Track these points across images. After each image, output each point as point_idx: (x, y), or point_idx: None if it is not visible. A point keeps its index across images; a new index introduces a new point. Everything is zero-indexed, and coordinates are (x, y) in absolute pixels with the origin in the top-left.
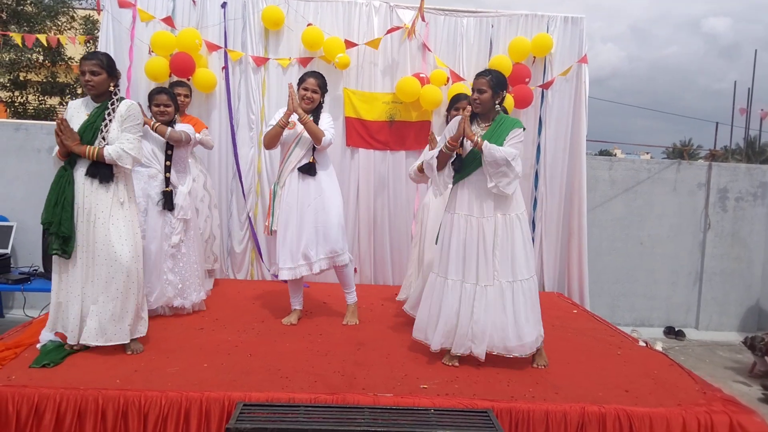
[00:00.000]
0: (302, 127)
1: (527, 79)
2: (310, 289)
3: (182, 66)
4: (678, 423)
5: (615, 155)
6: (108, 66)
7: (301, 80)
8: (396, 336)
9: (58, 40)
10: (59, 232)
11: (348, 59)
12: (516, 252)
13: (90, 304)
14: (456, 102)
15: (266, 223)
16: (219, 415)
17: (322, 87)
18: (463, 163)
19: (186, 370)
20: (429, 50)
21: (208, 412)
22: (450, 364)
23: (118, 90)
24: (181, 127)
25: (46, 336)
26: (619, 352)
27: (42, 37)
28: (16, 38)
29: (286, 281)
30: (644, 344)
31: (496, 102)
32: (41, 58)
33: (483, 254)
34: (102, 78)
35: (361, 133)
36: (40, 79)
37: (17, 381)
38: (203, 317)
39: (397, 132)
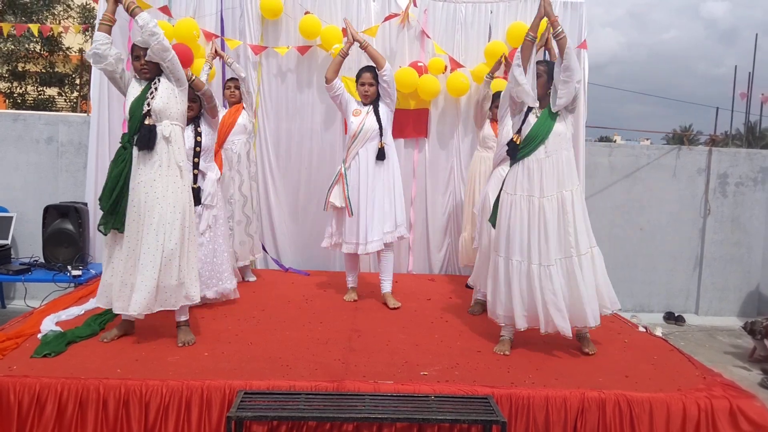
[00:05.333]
0: (363, 118)
1: None
2: (311, 277)
3: (181, 57)
4: (678, 408)
5: (615, 141)
6: None
7: (358, 77)
8: (396, 323)
9: (52, 29)
10: (104, 208)
11: None
12: (578, 227)
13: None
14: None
15: (328, 199)
16: (220, 404)
17: (376, 77)
18: (527, 140)
19: (186, 359)
20: (428, 37)
21: (209, 400)
22: (501, 353)
23: None
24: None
25: (47, 326)
26: (626, 341)
27: (34, 27)
28: (5, 28)
29: (287, 269)
30: (644, 330)
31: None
32: (39, 48)
33: (544, 233)
34: (152, 66)
35: None
36: (38, 70)
37: (18, 371)
38: (203, 307)
39: (395, 120)
